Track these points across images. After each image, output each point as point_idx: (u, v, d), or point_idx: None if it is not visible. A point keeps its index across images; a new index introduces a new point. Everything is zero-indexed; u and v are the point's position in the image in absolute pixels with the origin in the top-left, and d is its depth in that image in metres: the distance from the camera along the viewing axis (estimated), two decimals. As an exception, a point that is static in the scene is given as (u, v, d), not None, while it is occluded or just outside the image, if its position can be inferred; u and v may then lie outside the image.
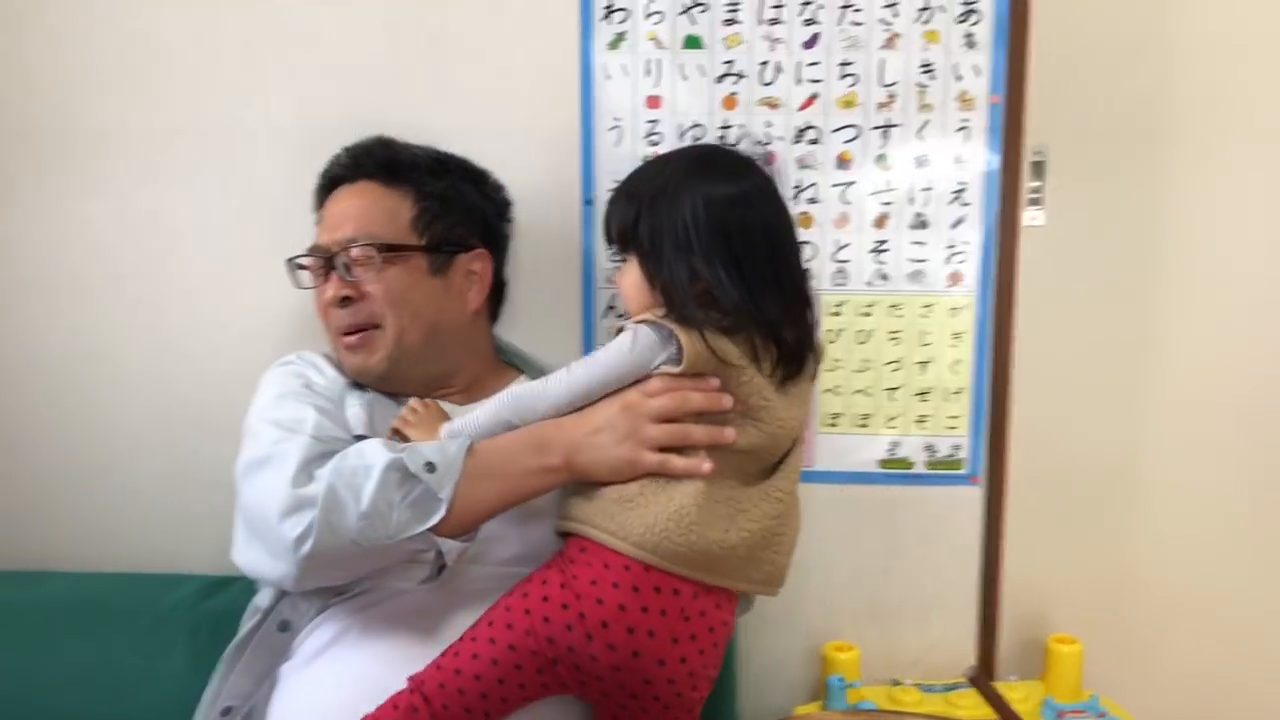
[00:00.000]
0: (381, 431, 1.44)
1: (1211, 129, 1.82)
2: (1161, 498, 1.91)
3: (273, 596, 1.43)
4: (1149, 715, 1.86)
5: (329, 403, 1.46)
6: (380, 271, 1.49)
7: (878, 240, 1.77)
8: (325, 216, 1.55)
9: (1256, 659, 1.96)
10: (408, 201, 1.54)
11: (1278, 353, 1.86)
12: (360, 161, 1.56)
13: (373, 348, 1.50)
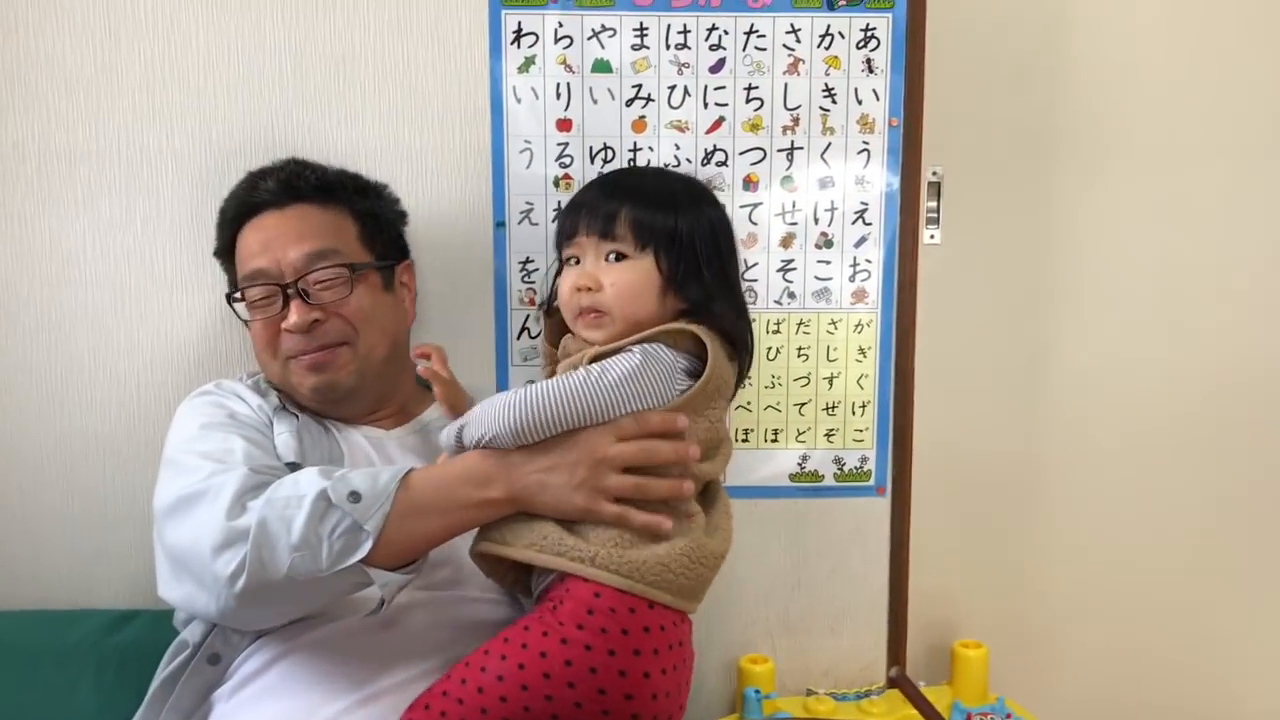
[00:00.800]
0: (313, 458, 1.42)
1: (1097, 150, 1.91)
2: (1060, 505, 1.99)
3: (203, 631, 1.40)
4: (1053, 715, 1.93)
5: (256, 432, 1.43)
6: (350, 291, 1.49)
7: (784, 260, 1.81)
8: (251, 243, 1.50)
9: (1153, 659, 2.04)
10: (347, 220, 1.55)
11: (1163, 361, 1.96)
12: (293, 184, 1.53)
13: (339, 364, 1.49)
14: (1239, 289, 1.95)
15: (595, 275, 1.29)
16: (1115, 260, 1.93)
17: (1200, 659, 2.06)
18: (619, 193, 1.31)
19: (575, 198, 1.36)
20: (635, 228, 1.28)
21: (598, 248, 1.29)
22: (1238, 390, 1.97)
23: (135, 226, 1.73)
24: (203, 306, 1.75)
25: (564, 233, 1.34)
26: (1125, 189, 1.92)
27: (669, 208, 1.29)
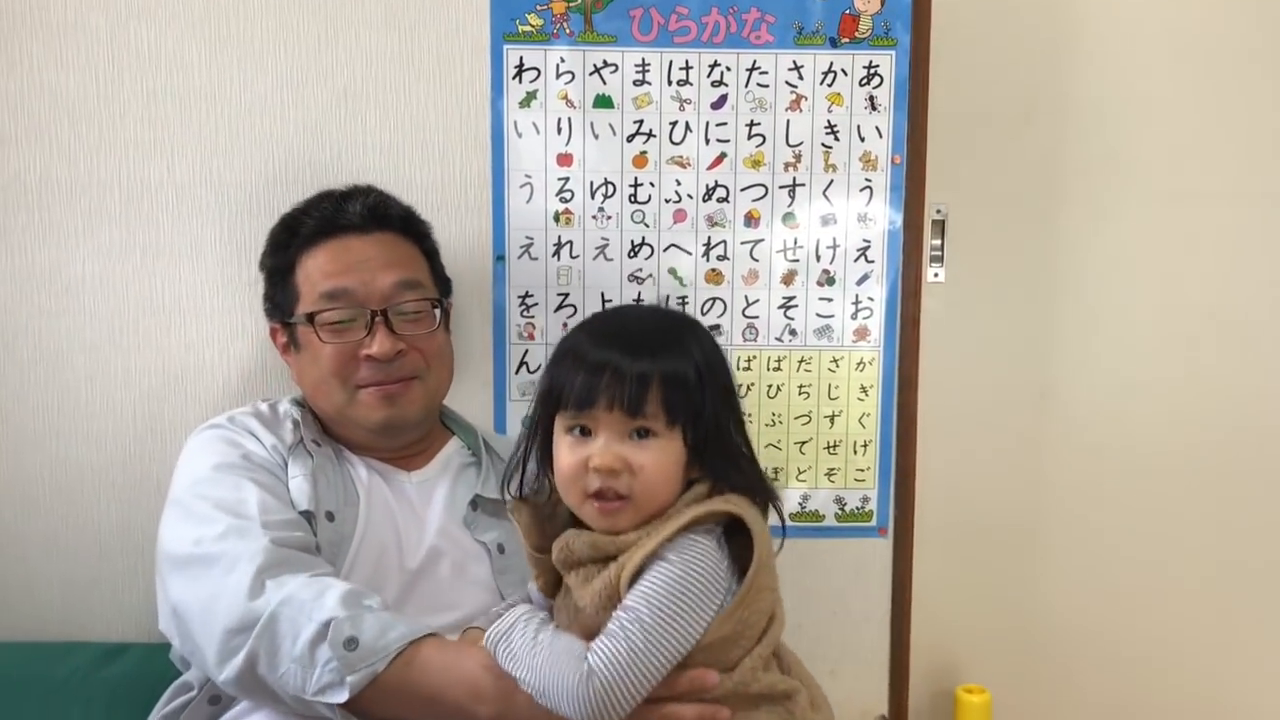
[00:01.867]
0: (327, 502, 1.39)
1: (1102, 187, 1.89)
2: (1065, 546, 1.96)
3: (203, 677, 1.36)
4: (1055, 762, 1.90)
5: (270, 476, 1.40)
6: (435, 325, 1.50)
7: (786, 296, 1.80)
8: (331, 263, 1.47)
9: (1159, 703, 2.01)
10: (420, 255, 1.56)
11: (1169, 403, 1.93)
12: (379, 212, 1.52)
13: (410, 398, 1.48)
14: (1245, 328, 1.93)
15: (623, 456, 1.11)
16: (1120, 298, 1.91)
17: (1207, 703, 2.03)
18: (641, 355, 1.12)
19: (580, 354, 1.13)
20: (666, 405, 1.11)
21: (622, 423, 1.11)
22: (1245, 430, 1.95)
23: (135, 257, 1.73)
24: (200, 338, 1.75)
25: (573, 398, 1.12)
26: (1131, 227, 1.90)
27: (691, 371, 1.13)
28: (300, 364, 1.52)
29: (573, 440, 1.14)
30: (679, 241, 1.78)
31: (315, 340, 1.46)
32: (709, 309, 1.79)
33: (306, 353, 1.49)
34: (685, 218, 1.77)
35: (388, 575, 1.41)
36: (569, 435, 1.14)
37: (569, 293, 1.77)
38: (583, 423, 1.13)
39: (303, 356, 1.50)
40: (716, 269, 1.79)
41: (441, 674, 1.17)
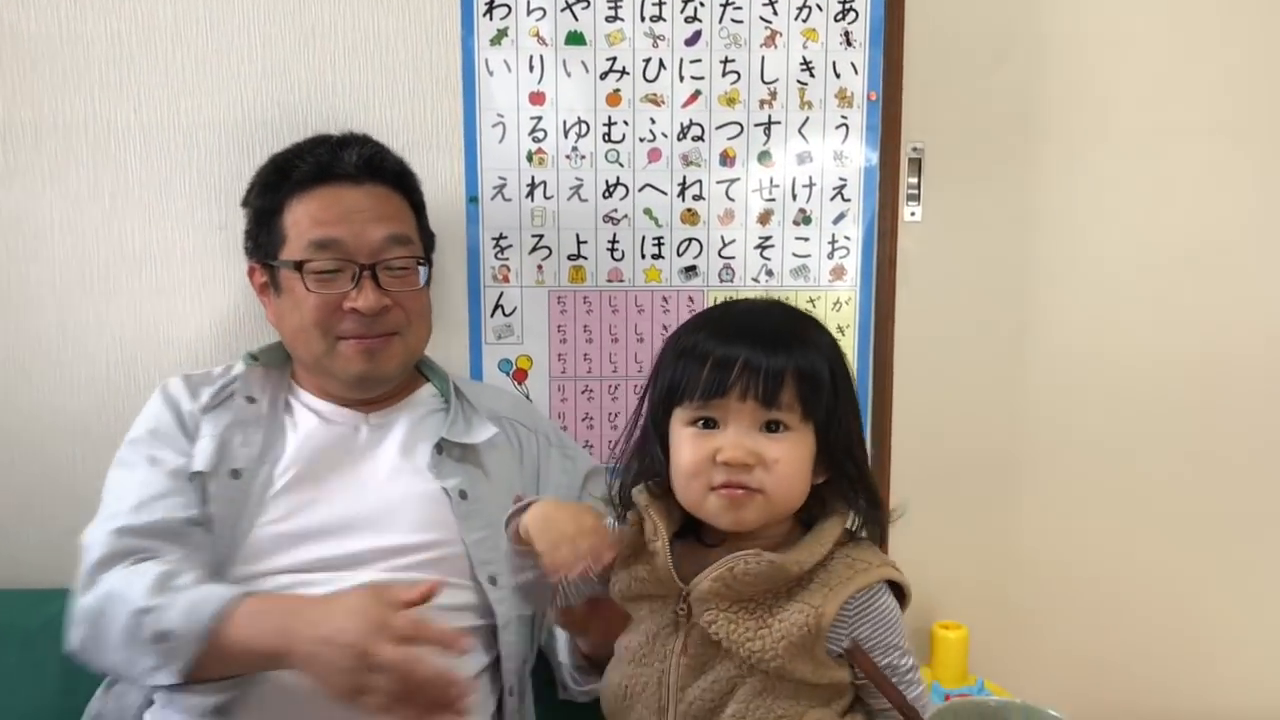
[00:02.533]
0: (239, 458, 1.41)
1: (1081, 126, 1.88)
2: (1040, 484, 1.97)
3: None
4: (1031, 696, 1.90)
5: (166, 448, 1.42)
6: (420, 282, 1.50)
7: (762, 236, 1.79)
8: (323, 211, 1.45)
9: (1132, 639, 2.03)
10: (409, 210, 1.54)
11: (1145, 340, 1.93)
12: (375, 163, 1.50)
13: (390, 354, 1.48)
14: (1222, 269, 1.93)
15: (756, 450, 1.07)
16: (1098, 238, 1.90)
17: (1182, 640, 2.05)
18: (777, 348, 1.08)
19: (705, 349, 1.10)
20: (802, 398, 1.08)
21: (754, 415, 1.08)
22: (1221, 371, 1.95)
23: (103, 201, 1.71)
24: (172, 283, 1.73)
25: (700, 389, 1.09)
26: (1108, 166, 1.89)
27: (824, 366, 1.10)
28: (280, 308, 1.50)
29: (696, 433, 1.09)
30: (654, 181, 1.76)
31: (299, 287, 1.44)
32: (685, 250, 1.78)
33: (288, 298, 1.47)
34: (660, 157, 1.76)
35: (311, 522, 1.41)
36: (692, 428, 1.10)
37: (543, 234, 1.76)
38: (709, 414, 1.09)
39: (283, 301, 1.49)
40: (692, 209, 1.78)
41: (251, 629, 1.20)
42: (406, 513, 1.43)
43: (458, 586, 1.42)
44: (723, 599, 1.10)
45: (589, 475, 1.63)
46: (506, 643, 1.42)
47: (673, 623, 1.14)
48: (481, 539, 1.44)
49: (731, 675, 1.12)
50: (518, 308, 1.78)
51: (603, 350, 1.81)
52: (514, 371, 1.80)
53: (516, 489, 1.52)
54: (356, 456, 1.48)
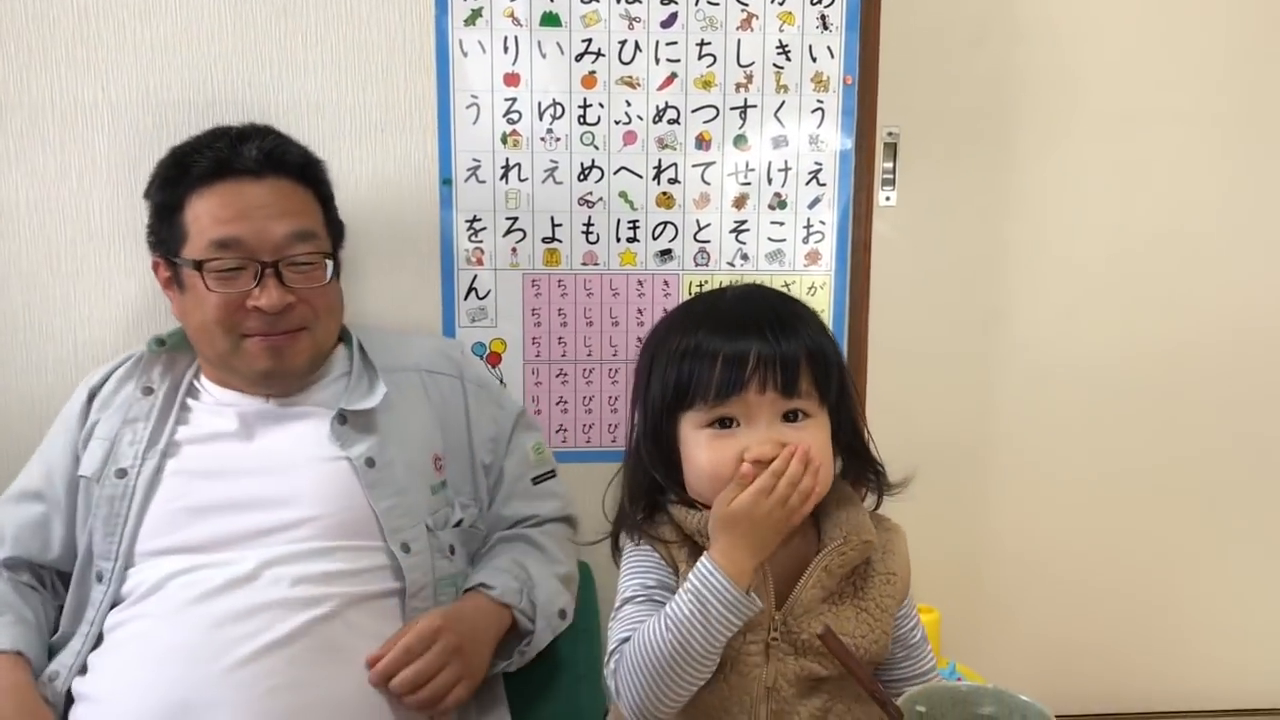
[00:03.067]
0: (120, 460, 1.43)
1: (1055, 112, 1.89)
2: (1012, 468, 1.98)
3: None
4: (1002, 679, 1.92)
5: (62, 454, 1.49)
6: (327, 278, 1.46)
7: (737, 220, 1.79)
8: (222, 208, 1.42)
9: (1102, 622, 2.05)
10: (314, 202, 1.50)
11: (1116, 325, 1.95)
12: (276, 156, 1.46)
13: (297, 350, 1.45)
14: (1192, 254, 1.95)
15: (783, 442, 1.04)
16: (1071, 223, 1.92)
17: (1151, 624, 2.07)
18: (785, 335, 1.06)
19: (706, 346, 1.06)
20: (818, 383, 1.06)
21: (774, 407, 1.05)
22: (1190, 356, 1.97)
23: (70, 180, 1.69)
24: (141, 264, 1.70)
25: (714, 388, 1.05)
26: (1082, 151, 1.90)
27: (830, 347, 1.09)
28: (184, 305, 1.47)
29: (714, 435, 1.06)
30: (629, 164, 1.75)
31: (201, 286, 1.42)
32: (660, 233, 1.78)
33: (190, 295, 1.44)
34: (635, 140, 1.75)
35: (207, 499, 1.41)
36: (708, 430, 1.06)
37: (518, 216, 1.75)
38: (725, 414, 1.06)
39: (186, 298, 1.46)
40: (668, 192, 1.77)
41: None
42: (310, 486, 1.42)
43: (368, 549, 1.41)
44: (821, 603, 1.09)
45: (517, 422, 1.63)
46: (414, 609, 1.41)
47: (760, 658, 1.09)
48: (391, 506, 1.43)
49: (824, 704, 1.10)
50: (492, 290, 1.77)
51: (577, 334, 1.80)
52: (488, 355, 1.79)
53: (433, 446, 1.51)
54: (259, 435, 1.47)
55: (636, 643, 1.03)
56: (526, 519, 1.60)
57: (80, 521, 1.46)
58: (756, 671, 1.09)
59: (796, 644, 1.09)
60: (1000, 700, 1.03)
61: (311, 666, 1.29)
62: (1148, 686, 2.08)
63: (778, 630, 1.09)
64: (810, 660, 1.09)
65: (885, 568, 1.13)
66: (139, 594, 1.37)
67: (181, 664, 1.28)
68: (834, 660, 1.07)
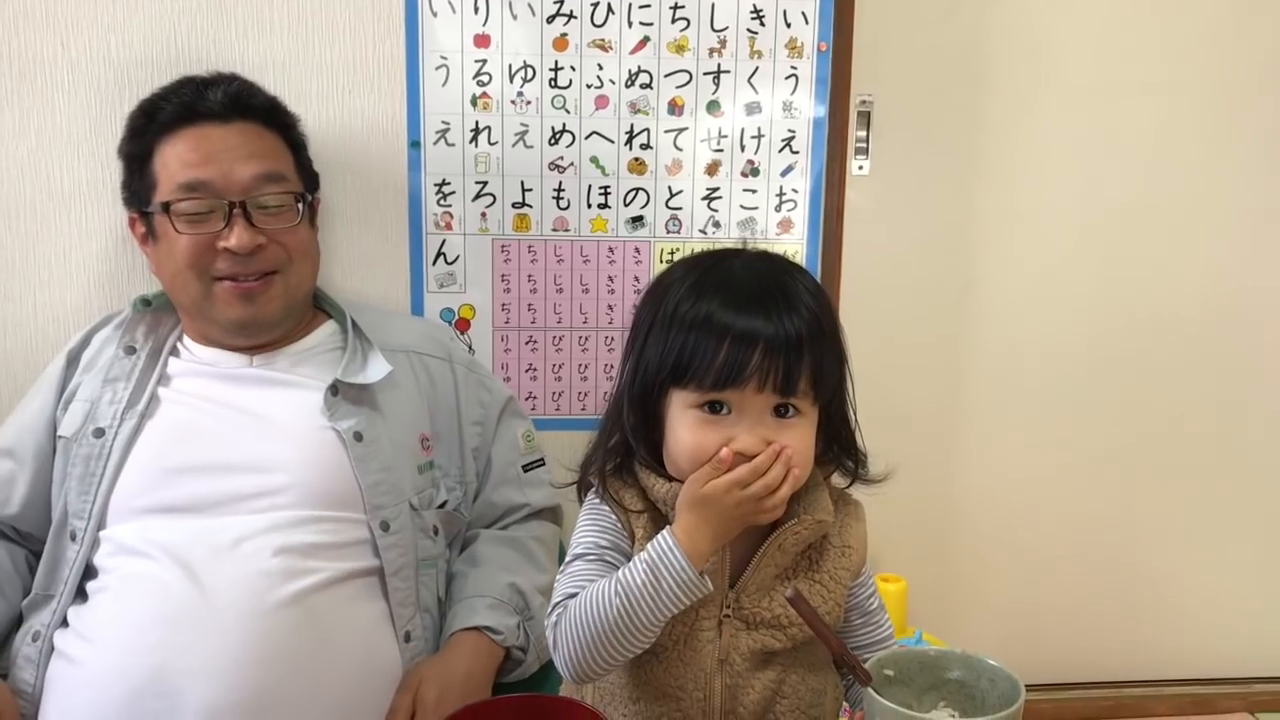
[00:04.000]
0: (98, 419, 1.42)
1: (1029, 80, 1.89)
2: (981, 440, 1.99)
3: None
4: (970, 649, 1.94)
5: (43, 411, 1.48)
6: (298, 219, 1.45)
7: (710, 188, 1.78)
8: (189, 152, 1.42)
9: (1069, 592, 2.06)
10: (285, 147, 1.50)
11: (1087, 295, 1.95)
12: (242, 100, 1.46)
13: (270, 296, 1.44)
14: (1164, 223, 1.95)
15: (769, 438, 1.02)
16: (1044, 192, 1.92)
17: (1120, 593, 2.09)
18: (790, 325, 1.02)
19: (717, 321, 1.02)
20: (815, 384, 1.04)
21: (768, 401, 1.03)
22: (1162, 325, 1.98)
23: (29, 139, 1.65)
24: (103, 225, 1.68)
25: (712, 374, 1.02)
26: (1055, 122, 1.90)
27: (835, 339, 1.07)
28: (158, 256, 1.47)
29: (703, 417, 1.03)
30: (601, 129, 1.74)
31: (171, 230, 1.42)
32: (632, 200, 1.76)
33: (163, 243, 1.45)
34: (607, 104, 1.73)
35: (186, 460, 1.40)
36: (696, 411, 1.04)
37: (487, 181, 1.73)
38: (718, 399, 1.03)
39: (160, 248, 1.46)
40: (640, 158, 1.75)
41: None
42: (294, 453, 1.41)
43: (351, 522, 1.40)
44: (774, 579, 1.09)
45: (505, 408, 1.63)
46: (396, 589, 1.41)
47: (713, 633, 1.09)
48: (377, 482, 1.42)
49: (778, 675, 1.10)
50: (460, 256, 1.75)
51: (547, 300, 1.78)
52: (456, 321, 1.77)
53: (421, 426, 1.51)
54: (242, 399, 1.45)
55: (582, 601, 1.03)
56: (518, 507, 1.60)
57: (57, 482, 1.45)
58: (709, 647, 1.09)
59: (749, 620, 1.09)
60: (968, 665, 1.03)
61: (293, 638, 1.28)
62: (1114, 656, 2.10)
63: (730, 607, 1.09)
64: (763, 633, 1.09)
65: (841, 540, 1.12)
66: (117, 553, 1.36)
67: (161, 629, 1.26)
68: (787, 633, 1.08)
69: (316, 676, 1.28)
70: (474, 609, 1.44)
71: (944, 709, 1.03)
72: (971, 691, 1.02)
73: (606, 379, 1.79)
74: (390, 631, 1.39)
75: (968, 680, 1.03)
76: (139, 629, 1.27)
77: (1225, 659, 2.18)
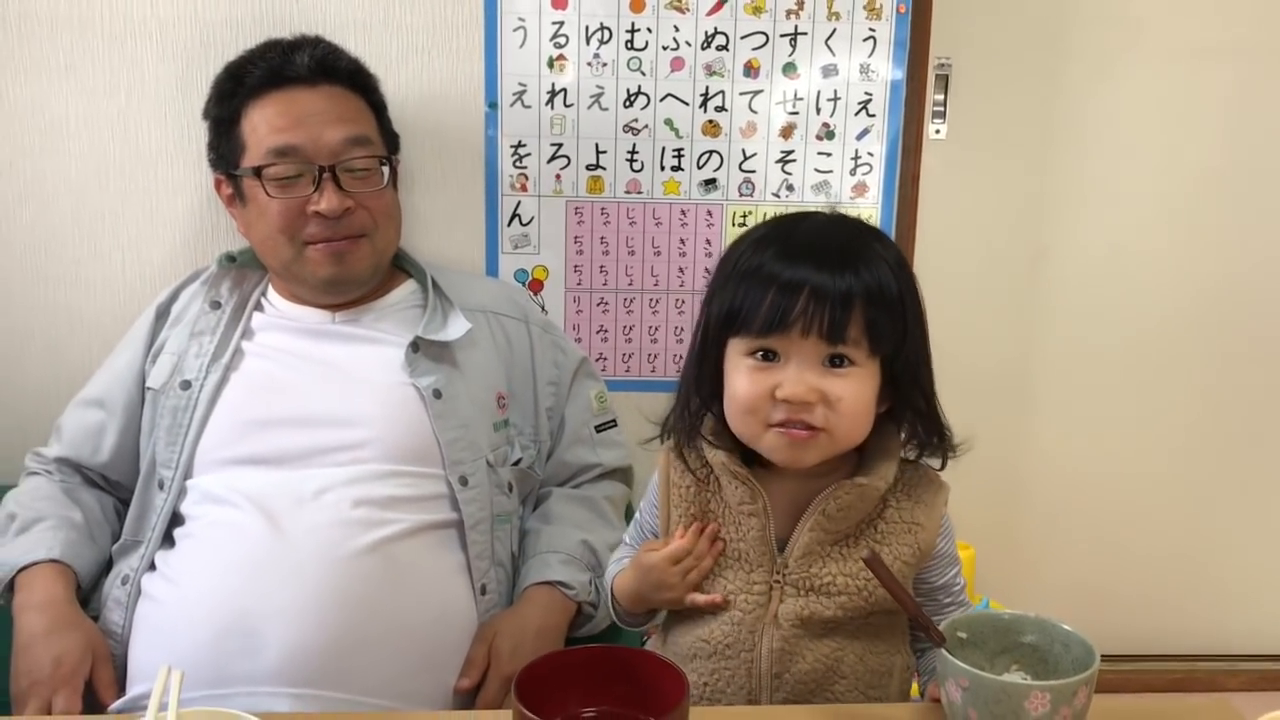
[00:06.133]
0: (185, 371, 1.46)
1: (1107, 44, 1.85)
2: (1052, 408, 1.97)
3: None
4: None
5: (126, 368, 1.52)
6: (384, 182, 1.48)
7: (784, 151, 1.77)
8: (278, 116, 1.44)
9: (1137, 560, 2.05)
10: (367, 109, 1.52)
11: (1164, 262, 1.92)
12: (328, 63, 1.49)
13: (359, 256, 1.48)
14: (1244, 192, 1.91)
15: (818, 387, 1.02)
16: (1120, 159, 1.88)
17: (1192, 564, 2.07)
18: (843, 273, 1.01)
19: (767, 271, 1.03)
20: (870, 332, 1.02)
21: (818, 349, 1.02)
22: (1234, 295, 1.94)
23: (120, 97, 1.69)
24: (189, 183, 1.71)
25: (760, 319, 1.02)
26: (1135, 86, 1.86)
27: (895, 292, 1.04)
28: (247, 218, 1.51)
29: (754, 365, 1.04)
30: (676, 91, 1.74)
31: (262, 195, 1.45)
32: (705, 162, 1.76)
33: (253, 206, 1.48)
34: (683, 66, 1.73)
35: (271, 414, 1.43)
36: (749, 359, 1.04)
37: (562, 143, 1.74)
38: (769, 346, 1.03)
39: (249, 210, 1.49)
40: (714, 120, 1.75)
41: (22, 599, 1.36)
42: (375, 408, 1.44)
43: (430, 477, 1.43)
44: (824, 544, 1.09)
45: (579, 369, 1.64)
46: (475, 542, 1.43)
47: (763, 597, 1.10)
48: (455, 439, 1.44)
49: (834, 651, 1.10)
50: (535, 217, 1.77)
51: (619, 263, 1.80)
52: (530, 282, 1.79)
53: (497, 385, 1.53)
54: (325, 354, 1.49)
55: (606, 580, 1.25)
56: (590, 466, 1.63)
57: (145, 433, 1.49)
58: (759, 611, 1.10)
59: (799, 585, 1.09)
60: (1042, 630, 1.03)
61: (371, 584, 1.32)
62: (1185, 630, 2.08)
63: (779, 572, 1.10)
64: (813, 600, 1.09)
65: (910, 517, 1.10)
66: (203, 502, 1.40)
67: (244, 574, 1.31)
68: (835, 600, 1.08)
69: (394, 621, 1.31)
70: (547, 564, 1.47)
71: (1016, 672, 1.03)
72: (1045, 655, 1.03)
73: (676, 341, 1.80)
74: (467, 583, 1.42)
75: (1041, 645, 1.03)
76: (223, 573, 1.32)
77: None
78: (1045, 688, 0.92)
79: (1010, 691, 0.93)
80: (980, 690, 0.94)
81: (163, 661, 1.01)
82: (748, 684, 1.11)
